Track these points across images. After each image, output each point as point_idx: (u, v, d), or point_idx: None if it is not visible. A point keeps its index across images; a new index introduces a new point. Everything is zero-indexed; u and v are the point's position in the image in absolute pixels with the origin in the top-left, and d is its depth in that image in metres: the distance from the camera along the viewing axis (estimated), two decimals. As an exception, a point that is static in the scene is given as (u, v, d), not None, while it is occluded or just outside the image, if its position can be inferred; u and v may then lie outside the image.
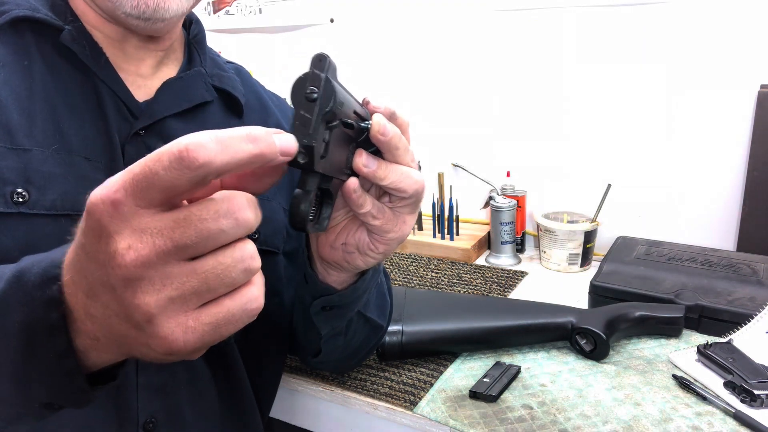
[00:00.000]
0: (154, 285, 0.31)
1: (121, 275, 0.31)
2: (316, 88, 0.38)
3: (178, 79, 0.65)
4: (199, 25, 0.72)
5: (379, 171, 0.46)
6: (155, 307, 0.31)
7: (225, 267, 0.32)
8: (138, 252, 0.30)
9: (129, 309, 0.31)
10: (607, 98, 1.24)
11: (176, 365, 0.61)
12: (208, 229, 0.31)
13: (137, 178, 0.30)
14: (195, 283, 0.32)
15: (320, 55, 0.39)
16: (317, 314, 0.63)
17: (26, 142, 0.54)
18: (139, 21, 0.58)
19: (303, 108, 0.38)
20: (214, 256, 0.32)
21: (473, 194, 1.41)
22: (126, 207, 0.30)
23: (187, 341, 0.32)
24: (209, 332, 0.33)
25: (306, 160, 0.38)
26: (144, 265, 0.30)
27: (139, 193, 0.30)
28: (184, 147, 0.29)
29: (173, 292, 0.31)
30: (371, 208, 0.48)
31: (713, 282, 0.97)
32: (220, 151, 0.30)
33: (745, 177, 1.14)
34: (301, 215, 0.41)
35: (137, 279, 0.31)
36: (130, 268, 0.30)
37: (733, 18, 1.10)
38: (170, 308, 0.31)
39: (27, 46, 0.57)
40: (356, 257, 0.54)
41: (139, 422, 0.59)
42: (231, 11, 1.65)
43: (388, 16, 1.43)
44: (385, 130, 0.45)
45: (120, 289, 0.31)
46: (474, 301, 0.99)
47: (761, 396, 0.72)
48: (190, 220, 0.31)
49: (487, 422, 0.73)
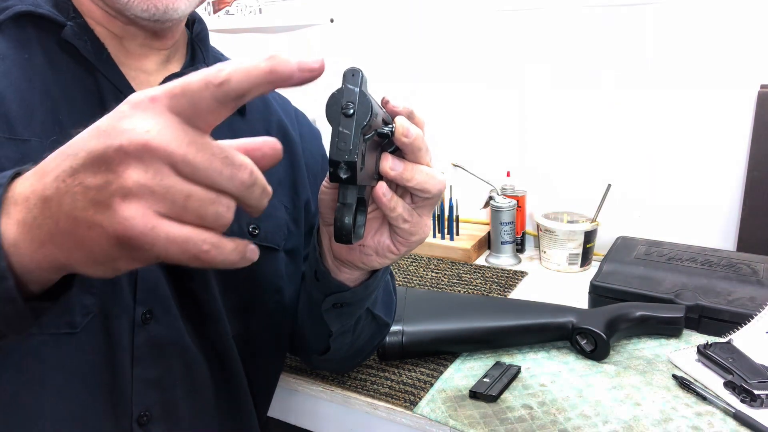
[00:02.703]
0: (147, 172, 0.32)
1: (125, 146, 0.32)
2: (353, 103, 0.39)
3: (180, 75, 0.65)
4: (202, 23, 0.72)
5: (406, 173, 0.47)
6: (137, 186, 0.32)
7: (203, 199, 0.34)
8: (152, 137, 0.32)
9: (111, 181, 0.32)
10: (607, 98, 1.24)
11: (173, 358, 0.62)
12: (213, 165, 0.34)
13: (174, 87, 0.33)
14: (176, 194, 0.33)
15: (353, 70, 0.39)
16: (328, 311, 0.63)
17: (25, 132, 0.54)
18: (148, 22, 0.59)
19: (341, 124, 0.39)
20: (203, 188, 0.34)
21: (473, 194, 1.41)
22: (160, 104, 0.33)
23: (142, 233, 0.32)
24: (162, 242, 0.33)
25: (348, 174, 0.39)
26: (150, 151, 0.32)
27: (173, 99, 0.33)
28: (210, 70, 0.33)
29: (157, 187, 0.32)
30: (402, 211, 0.49)
31: (713, 282, 0.97)
32: (237, 70, 0.33)
33: (745, 177, 1.14)
34: (347, 228, 0.43)
35: (136, 158, 0.32)
36: (138, 145, 0.32)
37: (734, 18, 1.10)
38: (146, 197, 0.32)
39: (28, 41, 0.57)
40: (373, 259, 0.54)
41: (133, 416, 0.59)
42: (231, 11, 1.65)
43: (388, 16, 1.43)
44: (409, 133, 0.46)
45: (116, 160, 0.32)
46: (474, 301, 0.99)
47: (761, 396, 0.72)
48: (206, 148, 0.33)
49: (487, 422, 0.73)
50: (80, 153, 0.33)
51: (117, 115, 0.33)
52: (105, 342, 0.57)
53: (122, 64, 0.61)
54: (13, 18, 0.57)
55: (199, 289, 0.64)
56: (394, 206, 0.48)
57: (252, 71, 0.33)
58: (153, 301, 0.60)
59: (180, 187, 0.33)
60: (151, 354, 0.60)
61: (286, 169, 0.73)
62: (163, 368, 0.61)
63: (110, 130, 0.33)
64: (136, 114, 0.33)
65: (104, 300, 0.56)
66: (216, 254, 0.35)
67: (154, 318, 0.60)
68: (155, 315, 0.60)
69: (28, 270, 0.36)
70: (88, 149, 0.33)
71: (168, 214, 0.33)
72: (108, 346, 0.57)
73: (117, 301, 0.57)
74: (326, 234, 0.57)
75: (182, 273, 0.62)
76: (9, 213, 0.36)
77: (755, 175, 1.12)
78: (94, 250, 0.34)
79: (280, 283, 0.71)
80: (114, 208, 0.32)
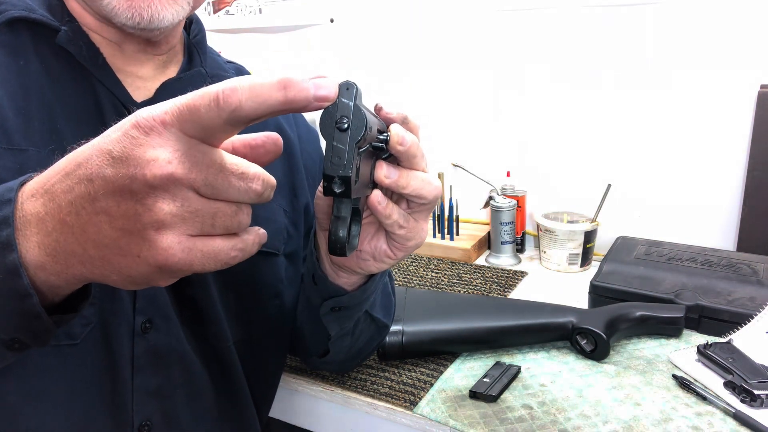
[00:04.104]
0: (175, 201, 0.33)
1: (151, 180, 0.32)
2: (347, 117, 0.39)
3: (178, 80, 0.64)
4: (200, 24, 0.72)
5: (401, 180, 0.47)
6: (170, 217, 0.33)
7: (228, 213, 0.36)
8: (175, 168, 0.33)
9: (141, 213, 0.33)
10: (607, 98, 1.24)
11: (173, 367, 0.61)
12: (231, 183, 0.35)
13: (183, 109, 0.33)
14: (204, 215, 0.35)
15: (347, 83, 0.39)
16: (326, 315, 0.63)
17: (22, 142, 0.53)
18: (135, 30, 0.58)
19: (335, 138, 0.39)
20: (224, 202, 0.36)
21: (473, 194, 1.41)
22: (173, 129, 0.33)
23: (181, 259, 0.34)
24: (198, 259, 0.35)
25: (342, 189, 0.39)
26: (175, 182, 0.33)
27: (184, 123, 0.33)
28: (221, 90, 0.32)
29: (187, 214, 0.34)
30: (398, 218, 0.49)
31: (713, 282, 0.97)
32: (250, 98, 0.32)
33: (745, 177, 1.14)
34: (341, 242, 0.43)
35: (162, 189, 0.33)
36: (163, 178, 0.33)
37: (734, 18, 1.10)
38: (179, 225, 0.34)
39: (23, 47, 0.57)
40: (370, 264, 0.54)
41: (134, 425, 0.59)
42: (231, 11, 1.65)
43: (388, 16, 1.43)
44: (404, 141, 0.45)
45: (142, 192, 0.33)
46: (474, 301, 0.99)
47: (761, 396, 0.72)
48: (224, 167, 0.34)
49: (487, 422, 0.73)
50: (96, 180, 0.33)
51: (128, 141, 0.33)
52: (105, 352, 0.57)
53: (118, 69, 0.60)
54: (7, 24, 0.56)
55: (198, 296, 0.63)
56: (389, 214, 0.48)
57: (267, 100, 0.33)
58: (153, 310, 0.59)
59: (207, 208, 0.35)
60: (151, 363, 0.59)
61: (285, 172, 0.72)
62: (163, 376, 0.61)
63: (128, 160, 0.33)
64: (151, 141, 0.33)
65: (104, 310, 0.56)
66: (243, 255, 0.38)
67: (154, 327, 0.59)
68: (155, 323, 0.59)
69: (55, 286, 0.38)
70: (106, 178, 0.33)
71: (200, 233, 0.35)
72: (108, 356, 0.57)
73: (116, 311, 0.57)
74: (323, 239, 0.57)
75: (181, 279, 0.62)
76: (26, 235, 0.36)
77: (755, 175, 1.12)
78: (132, 274, 0.35)
79: (280, 287, 0.71)
80: (150, 239, 0.34)
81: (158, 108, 0.33)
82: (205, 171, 0.34)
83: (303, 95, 0.34)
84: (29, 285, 0.36)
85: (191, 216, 0.34)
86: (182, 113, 0.32)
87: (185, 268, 0.35)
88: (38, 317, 0.38)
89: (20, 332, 0.38)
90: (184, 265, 0.35)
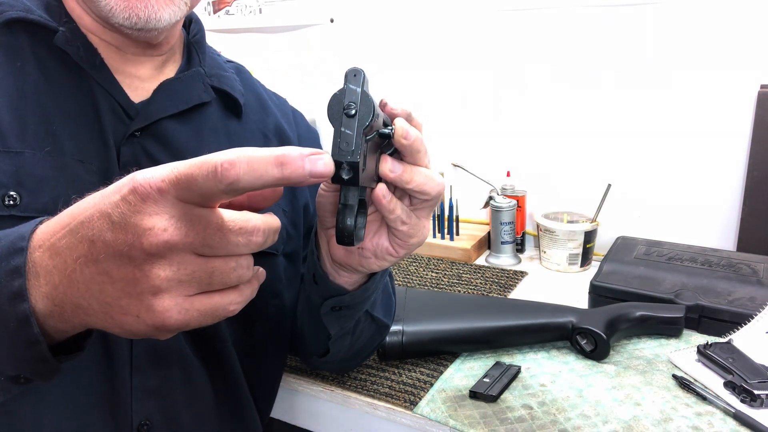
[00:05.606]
0: (171, 266, 0.35)
1: (147, 248, 0.34)
2: (354, 103, 0.39)
3: (176, 80, 0.64)
4: (199, 24, 0.72)
5: (405, 175, 0.47)
6: (166, 282, 0.35)
7: (226, 270, 0.37)
8: (171, 235, 0.34)
9: (139, 278, 0.35)
10: (607, 98, 1.24)
11: (172, 366, 0.61)
12: (230, 240, 0.36)
13: (180, 177, 0.33)
14: (201, 275, 0.36)
15: (355, 70, 0.39)
16: (327, 315, 0.63)
17: (18, 144, 0.53)
18: (132, 30, 0.58)
19: (343, 124, 0.39)
20: (222, 259, 0.36)
21: (473, 194, 1.41)
22: (170, 196, 0.34)
23: (177, 320, 0.36)
24: (195, 318, 0.37)
25: (350, 175, 0.39)
26: (171, 248, 0.34)
27: (180, 190, 0.34)
28: (219, 163, 0.33)
29: (183, 276, 0.35)
30: (401, 213, 0.49)
31: (713, 282, 0.97)
32: (247, 173, 0.33)
33: (745, 177, 1.14)
34: (349, 230, 0.43)
35: (159, 256, 0.34)
36: (159, 246, 0.34)
37: (734, 18, 1.10)
38: (175, 288, 0.35)
39: (21, 48, 0.57)
40: (372, 262, 0.54)
41: (133, 425, 0.59)
42: (231, 11, 1.65)
43: (388, 16, 1.43)
44: (408, 134, 0.46)
45: (140, 259, 0.34)
46: (474, 301, 0.99)
47: (761, 396, 0.72)
48: (221, 226, 0.35)
49: (487, 422, 0.73)
50: (97, 243, 0.35)
51: (126, 207, 0.34)
52: (103, 352, 0.57)
53: (116, 70, 0.60)
54: (5, 24, 0.56)
55: None
56: (393, 208, 0.48)
57: (263, 176, 0.34)
58: None
59: (204, 268, 0.36)
60: (150, 363, 0.59)
61: None
62: (162, 376, 0.60)
63: (126, 227, 0.34)
64: (147, 209, 0.34)
65: None
66: (240, 307, 0.39)
67: None
68: None
69: (61, 331, 0.39)
70: (106, 242, 0.35)
71: (197, 292, 0.36)
72: (106, 356, 0.57)
73: None
74: (324, 237, 0.57)
75: None
76: (35, 285, 0.37)
77: (755, 175, 1.12)
78: (132, 330, 0.37)
79: (280, 287, 0.71)
80: (147, 303, 0.35)
81: (156, 174, 0.34)
82: (203, 233, 0.35)
83: (298, 173, 0.34)
84: (39, 333, 0.38)
85: (188, 278, 0.35)
86: (179, 181, 0.33)
87: (183, 327, 0.36)
88: (46, 361, 0.39)
89: (27, 372, 0.40)
90: (181, 324, 0.36)
